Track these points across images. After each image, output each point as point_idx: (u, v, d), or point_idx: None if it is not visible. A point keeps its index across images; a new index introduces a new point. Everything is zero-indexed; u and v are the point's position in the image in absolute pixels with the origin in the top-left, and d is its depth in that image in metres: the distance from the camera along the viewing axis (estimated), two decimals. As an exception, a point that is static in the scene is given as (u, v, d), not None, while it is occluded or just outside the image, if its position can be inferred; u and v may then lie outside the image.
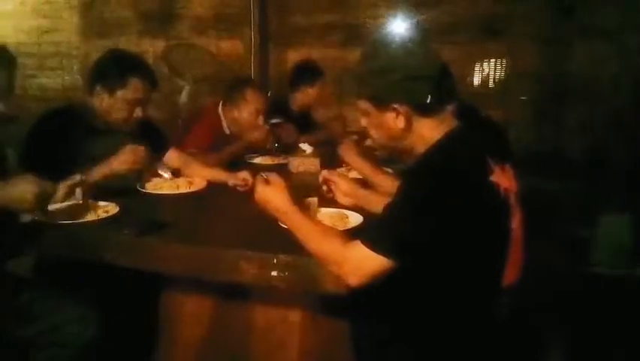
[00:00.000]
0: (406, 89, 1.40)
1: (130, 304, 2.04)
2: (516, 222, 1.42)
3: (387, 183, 1.96)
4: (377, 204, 1.78)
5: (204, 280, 1.71)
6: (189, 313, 1.95)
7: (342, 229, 1.59)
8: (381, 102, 1.43)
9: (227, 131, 2.84)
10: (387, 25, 3.89)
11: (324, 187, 1.85)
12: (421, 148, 1.43)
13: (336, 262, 1.37)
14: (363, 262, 1.33)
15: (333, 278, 1.42)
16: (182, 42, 4.33)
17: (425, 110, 1.41)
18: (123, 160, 2.02)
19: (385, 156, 2.41)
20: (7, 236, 1.77)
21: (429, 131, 1.42)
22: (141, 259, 1.66)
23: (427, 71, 1.40)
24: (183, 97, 4.02)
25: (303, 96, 3.35)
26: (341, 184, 1.86)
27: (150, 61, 3.15)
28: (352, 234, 1.48)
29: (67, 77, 4.74)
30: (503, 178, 1.39)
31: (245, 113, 2.78)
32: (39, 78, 4.73)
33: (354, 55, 3.77)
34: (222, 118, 2.85)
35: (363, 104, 1.48)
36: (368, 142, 2.50)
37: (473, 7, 3.74)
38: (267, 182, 1.55)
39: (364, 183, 1.99)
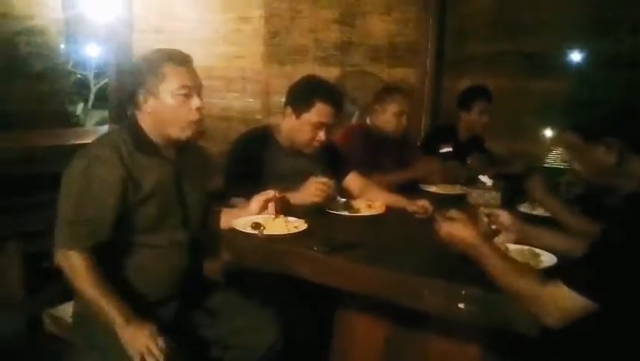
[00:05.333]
0: (622, 124, 1.33)
1: (307, 316, 2.14)
2: None
3: (576, 223, 1.86)
4: (554, 242, 1.71)
5: (382, 303, 1.74)
6: (363, 335, 1.98)
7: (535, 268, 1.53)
8: (593, 136, 1.37)
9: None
10: (570, 55, 3.69)
11: (485, 220, 1.79)
12: (629, 186, 1.35)
13: (534, 301, 1.32)
14: (564, 303, 1.28)
15: (525, 317, 1.37)
16: (355, 69, 4.49)
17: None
18: (306, 193, 2.12)
19: (571, 194, 2.31)
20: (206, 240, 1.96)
21: None
22: (328, 276, 1.74)
23: None
24: (354, 122, 4.14)
25: (464, 123, 3.31)
26: (503, 218, 1.79)
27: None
28: (546, 273, 1.43)
29: (247, 100, 5.12)
30: None
31: (386, 116, 2.83)
32: (224, 99, 5.18)
33: (532, 85, 3.68)
34: (370, 126, 2.92)
35: (569, 137, 1.43)
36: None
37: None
38: (449, 218, 1.56)
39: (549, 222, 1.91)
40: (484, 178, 2.35)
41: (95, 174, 1.66)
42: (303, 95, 2.26)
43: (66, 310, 1.97)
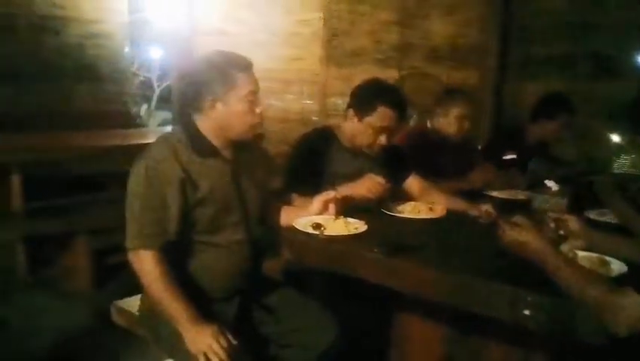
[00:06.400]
0: None
1: (365, 318, 2.14)
2: None
3: None
4: (624, 249, 1.64)
5: (442, 307, 1.71)
6: (421, 338, 1.96)
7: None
8: None
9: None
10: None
11: (552, 225, 1.74)
12: None
13: (604, 309, 1.28)
14: (635, 312, 1.24)
15: (592, 326, 1.33)
16: (414, 71, 4.45)
17: None
18: (361, 187, 2.13)
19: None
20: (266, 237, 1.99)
21: None
22: (388, 278, 1.73)
23: None
24: (412, 124, 4.11)
25: (540, 130, 3.22)
26: (572, 224, 1.73)
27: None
28: (616, 281, 1.38)
29: (305, 102, 5.16)
30: None
31: (448, 120, 2.81)
32: (282, 101, 5.24)
33: (600, 88, 3.55)
34: (430, 129, 2.90)
35: None
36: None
37: None
38: (514, 224, 1.53)
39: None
40: (550, 183, 2.28)
41: (155, 174, 1.71)
42: (366, 98, 2.25)
43: (132, 303, 2.04)
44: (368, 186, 2.13)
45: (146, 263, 1.69)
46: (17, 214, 3.43)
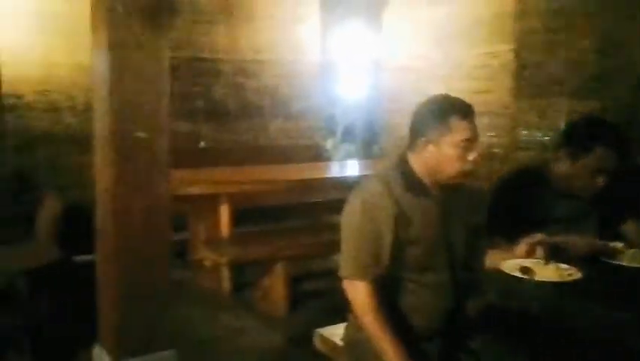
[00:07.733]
0: None
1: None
2: None
3: None
4: None
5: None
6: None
7: None
8: None
9: None
10: None
11: None
12: None
13: None
14: None
15: None
16: (618, 102, 4.08)
17: None
18: (578, 248, 2.02)
19: None
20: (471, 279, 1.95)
21: None
22: (608, 333, 1.60)
23: None
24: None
25: None
26: None
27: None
28: None
29: (491, 134, 5.00)
30: None
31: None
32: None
33: None
34: None
35: None
36: None
37: None
38: None
39: None
40: None
41: (371, 208, 1.78)
42: (581, 138, 2.13)
43: (335, 331, 2.12)
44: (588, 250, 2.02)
45: (359, 293, 1.76)
46: (225, 240, 3.80)
